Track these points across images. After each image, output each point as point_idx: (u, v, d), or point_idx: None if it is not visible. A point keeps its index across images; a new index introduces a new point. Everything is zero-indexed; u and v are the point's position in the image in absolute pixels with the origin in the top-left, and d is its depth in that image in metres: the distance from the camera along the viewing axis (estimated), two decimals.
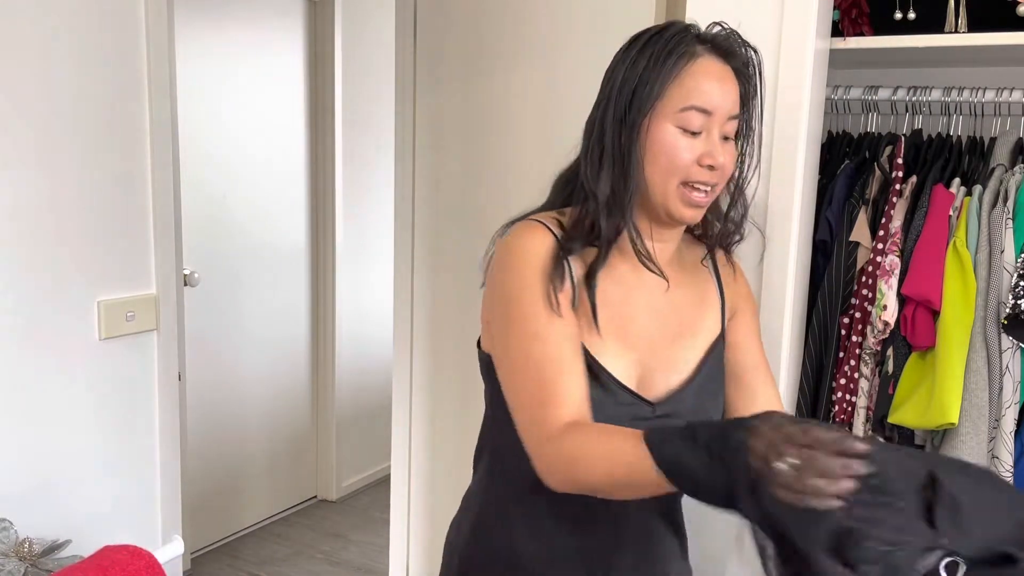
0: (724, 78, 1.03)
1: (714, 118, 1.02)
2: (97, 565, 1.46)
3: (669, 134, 1.01)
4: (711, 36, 1.06)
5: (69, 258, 1.71)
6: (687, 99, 1.01)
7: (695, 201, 1.04)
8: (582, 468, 0.92)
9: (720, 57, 1.04)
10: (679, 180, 1.02)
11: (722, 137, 1.03)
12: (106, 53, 1.74)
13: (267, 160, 3.38)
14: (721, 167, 1.03)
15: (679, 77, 1.02)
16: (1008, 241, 1.59)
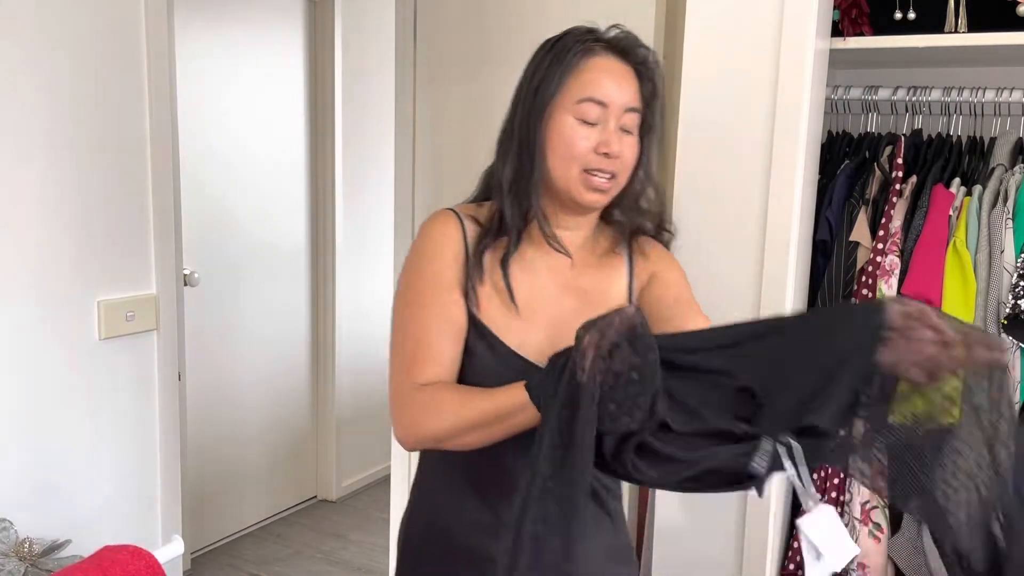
0: (620, 74, 1.11)
1: (610, 110, 1.09)
2: (97, 565, 1.46)
3: (568, 124, 1.10)
4: (609, 36, 1.14)
5: (69, 258, 1.71)
6: (583, 92, 1.09)
7: (595, 185, 1.11)
8: (433, 414, 1.03)
9: (617, 55, 1.12)
10: (579, 167, 1.10)
11: (620, 129, 1.11)
12: (106, 53, 1.74)
13: (267, 160, 3.38)
14: (618, 155, 1.10)
15: (577, 72, 1.10)
16: (1008, 241, 1.59)
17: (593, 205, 1.14)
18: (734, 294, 1.66)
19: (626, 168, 1.13)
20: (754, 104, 1.61)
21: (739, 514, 1.70)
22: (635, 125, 1.12)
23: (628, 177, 1.15)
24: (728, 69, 1.63)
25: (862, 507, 1.73)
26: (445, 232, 1.15)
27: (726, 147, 1.65)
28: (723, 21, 1.63)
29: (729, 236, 1.66)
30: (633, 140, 1.12)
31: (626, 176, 1.14)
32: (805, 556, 0.91)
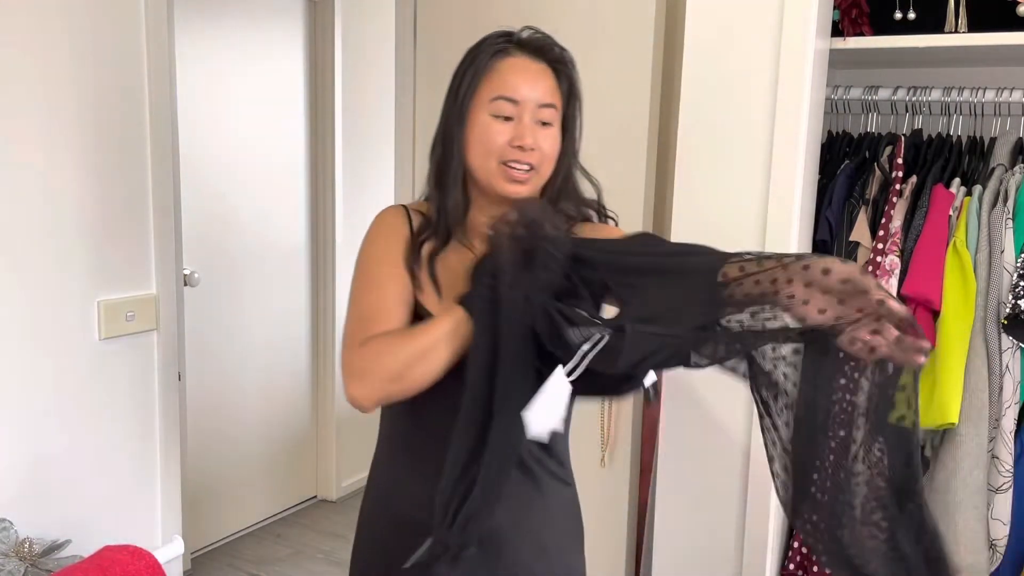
0: (533, 72, 1.18)
1: (523, 106, 1.17)
2: (97, 565, 1.46)
3: (484, 122, 1.18)
4: (522, 37, 1.21)
5: (69, 258, 1.71)
6: (496, 90, 1.17)
7: (513, 177, 1.17)
8: (381, 356, 1.10)
9: (530, 55, 1.20)
10: (496, 160, 1.17)
11: (537, 123, 1.17)
12: (106, 53, 1.74)
13: (267, 160, 3.38)
14: (535, 147, 1.17)
15: (490, 73, 1.19)
16: (1008, 241, 1.59)
17: (514, 195, 1.19)
18: None
19: (546, 159, 1.19)
20: (754, 104, 1.61)
21: (739, 514, 1.70)
22: (554, 118, 1.19)
23: (552, 168, 1.21)
24: (728, 69, 1.63)
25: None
26: (393, 221, 1.27)
27: (726, 147, 1.65)
28: (723, 21, 1.63)
29: (729, 236, 1.65)
30: (551, 132, 1.19)
31: (549, 167, 1.20)
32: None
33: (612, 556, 2.04)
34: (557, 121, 1.20)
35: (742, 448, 1.68)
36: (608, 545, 2.04)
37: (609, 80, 1.94)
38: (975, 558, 1.58)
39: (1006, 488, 1.59)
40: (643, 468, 2.04)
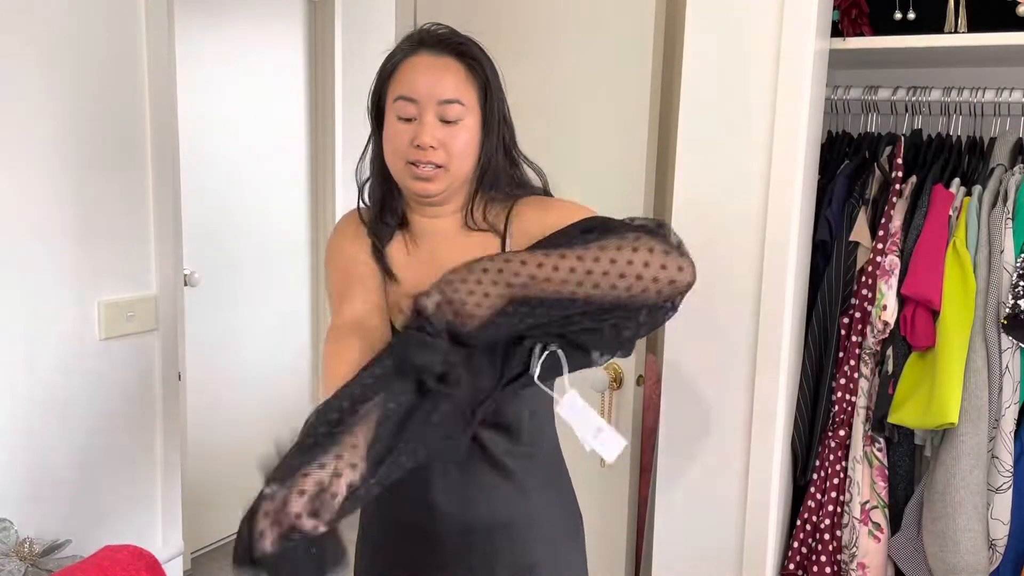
0: (433, 68, 1.18)
1: (422, 104, 1.16)
2: (97, 565, 1.46)
3: (391, 123, 1.20)
4: (424, 35, 1.22)
5: (69, 258, 1.71)
6: (397, 91, 1.19)
7: (419, 174, 1.18)
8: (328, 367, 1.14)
9: (432, 51, 1.19)
10: (403, 160, 1.19)
11: (440, 120, 1.17)
12: (106, 53, 1.74)
13: (267, 160, 3.38)
14: (433, 145, 1.16)
15: (393, 76, 1.21)
16: (1008, 241, 1.59)
17: (424, 194, 1.20)
18: (734, 294, 1.66)
19: (455, 156, 1.18)
20: (754, 104, 1.60)
21: (739, 514, 1.70)
22: (461, 115, 1.17)
23: (471, 163, 1.20)
24: (728, 69, 1.63)
25: (862, 507, 1.73)
26: (346, 226, 1.31)
27: (726, 147, 1.65)
28: (723, 21, 1.63)
29: (729, 236, 1.66)
30: (457, 129, 1.17)
31: (462, 162, 1.19)
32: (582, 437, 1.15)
33: (612, 556, 2.04)
34: (470, 116, 1.19)
35: (742, 448, 1.68)
36: (608, 545, 2.04)
37: (609, 79, 1.94)
38: (975, 558, 1.58)
39: (1006, 488, 1.59)
40: (643, 468, 2.04)
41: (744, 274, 1.65)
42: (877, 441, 1.73)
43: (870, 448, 1.73)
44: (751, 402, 1.66)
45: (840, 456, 1.77)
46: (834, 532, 1.77)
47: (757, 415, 1.65)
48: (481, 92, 1.20)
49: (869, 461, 1.74)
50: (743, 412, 1.67)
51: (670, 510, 1.78)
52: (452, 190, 1.22)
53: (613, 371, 1.95)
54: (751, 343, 1.64)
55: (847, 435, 1.76)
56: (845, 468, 1.76)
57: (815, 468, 1.79)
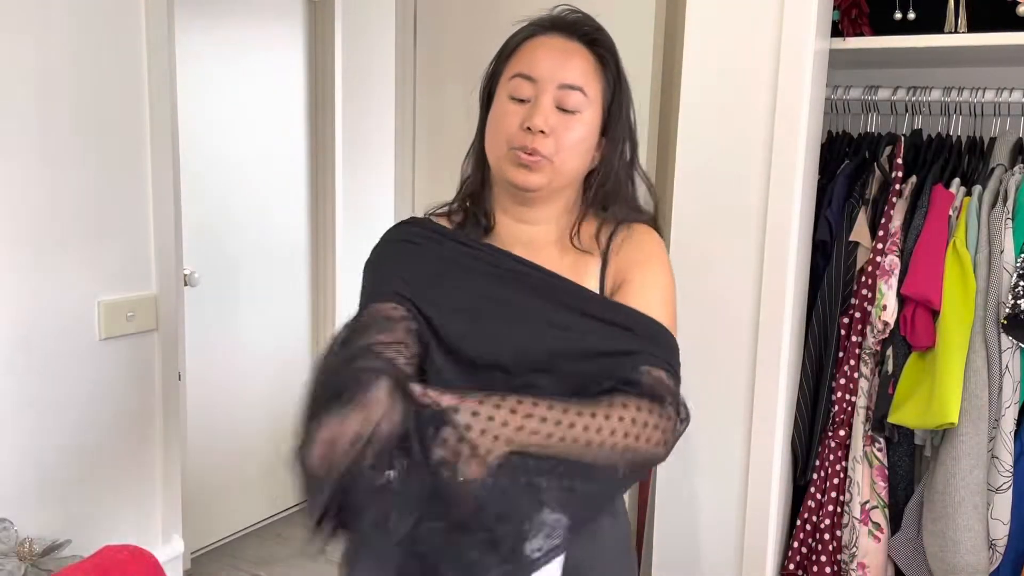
0: (560, 50, 1.07)
1: (541, 85, 1.05)
2: (97, 565, 1.46)
3: (501, 103, 1.08)
4: (556, 18, 1.10)
5: (69, 258, 1.71)
6: (516, 68, 1.07)
7: (521, 160, 1.05)
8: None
9: (561, 34, 1.08)
10: (507, 145, 1.06)
11: (557, 107, 1.05)
12: (106, 53, 1.74)
13: (267, 160, 3.38)
14: (544, 130, 1.04)
15: (514, 55, 1.09)
16: (1008, 241, 1.59)
17: (524, 185, 1.07)
18: (734, 294, 1.66)
19: (563, 149, 1.05)
20: (754, 104, 1.60)
21: (739, 514, 1.70)
22: (581, 105, 1.06)
23: (575, 161, 1.08)
24: (728, 69, 1.63)
25: (862, 507, 1.73)
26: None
27: (726, 147, 1.65)
28: (723, 21, 1.63)
29: (729, 236, 1.66)
30: (573, 120, 1.06)
31: (569, 158, 1.07)
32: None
33: None
34: (590, 109, 1.06)
35: (742, 448, 1.68)
36: None
37: None
38: (975, 558, 1.58)
39: (1006, 488, 1.59)
40: None
41: (744, 274, 1.65)
42: (877, 441, 1.73)
43: (870, 448, 1.73)
44: (751, 402, 1.66)
45: (840, 456, 1.77)
46: (834, 532, 1.77)
47: (757, 415, 1.65)
48: (608, 88, 1.08)
49: (869, 461, 1.74)
50: (743, 412, 1.67)
51: (670, 510, 1.78)
52: (552, 189, 1.09)
53: None
54: (751, 343, 1.64)
55: (847, 435, 1.76)
56: (845, 468, 1.76)
57: (815, 468, 1.79)
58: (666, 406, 0.98)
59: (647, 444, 0.96)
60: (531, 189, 1.08)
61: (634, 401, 0.96)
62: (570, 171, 1.09)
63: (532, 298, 1.06)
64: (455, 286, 1.07)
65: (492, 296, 1.07)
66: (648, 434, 0.96)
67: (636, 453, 0.96)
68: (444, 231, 1.13)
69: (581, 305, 1.06)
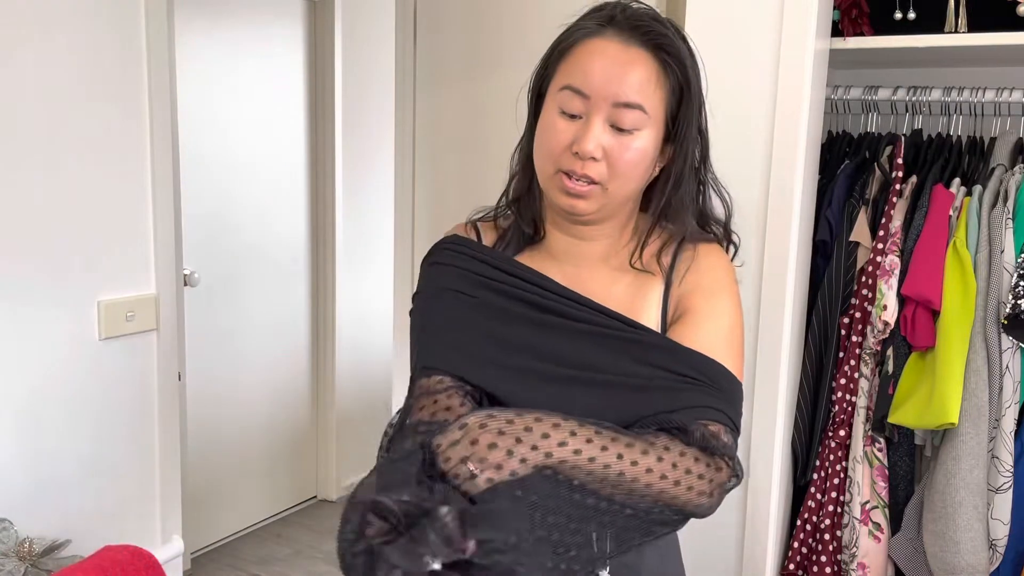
0: (617, 60, 0.94)
1: (593, 102, 0.93)
2: (97, 565, 1.46)
3: (550, 115, 0.97)
4: (616, 11, 0.97)
5: (69, 258, 1.71)
6: (566, 78, 0.96)
7: (568, 189, 0.95)
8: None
9: (622, 37, 0.95)
10: (554, 167, 0.96)
11: (612, 126, 0.94)
12: (106, 53, 1.74)
13: (267, 160, 3.38)
14: (594, 156, 0.93)
15: (567, 56, 0.97)
16: (1008, 241, 1.59)
17: (571, 211, 0.97)
18: None
19: (617, 175, 0.95)
20: (754, 104, 1.60)
21: (739, 514, 1.70)
22: (640, 123, 0.95)
23: (631, 185, 0.98)
24: (728, 69, 1.63)
25: (862, 507, 1.73)
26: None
27: (726, 147, 1.64)
28: (723, 21, 1.63)
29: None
30: (630, 140, 0.94)
31: (624, 183, 0.97)
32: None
33: None
34: (650, 127, 0.96)
35: (742, 448, 1.68)
36: None
37: None
38: (975, 558, 1.58)
39: (1006, 488, 1.59)
40: None
41: (744, 274, 1.65)
42: (877, 441, 1.73)
43: (870, 448, 1.73)
44: (751, 402, 1.66)
45: (840, 456, 1.77)
46: (834, 532, 1.77)
47: (757, 415, 1.65)
48: (673, 99, 0.97)
49: (869, 461, 1.74)
50: (743, 412, 1.67)
51: None
52: (605, 213, 1.00)
53: None
54: (751, 343, 1.64)
55: (847, 435, 1.76)
56: (845, 468, 1.76)
57: (815, 468, 1.79)
58: (716, 458, 0.91)
59: (688, 493, 0.88)
60: (580, 215, 0.99)
61: (680, 447, 0.89)
62: (625, 194, 0.98)
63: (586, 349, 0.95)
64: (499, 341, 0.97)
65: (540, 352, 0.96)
66: (691, 482, 0.88)
67: (674, 499, 0.88)
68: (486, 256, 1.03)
69: (643, 354, 0.95)
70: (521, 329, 0.98)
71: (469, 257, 1.03)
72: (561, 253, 1.05)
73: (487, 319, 0.99)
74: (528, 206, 1.05)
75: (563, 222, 1.03)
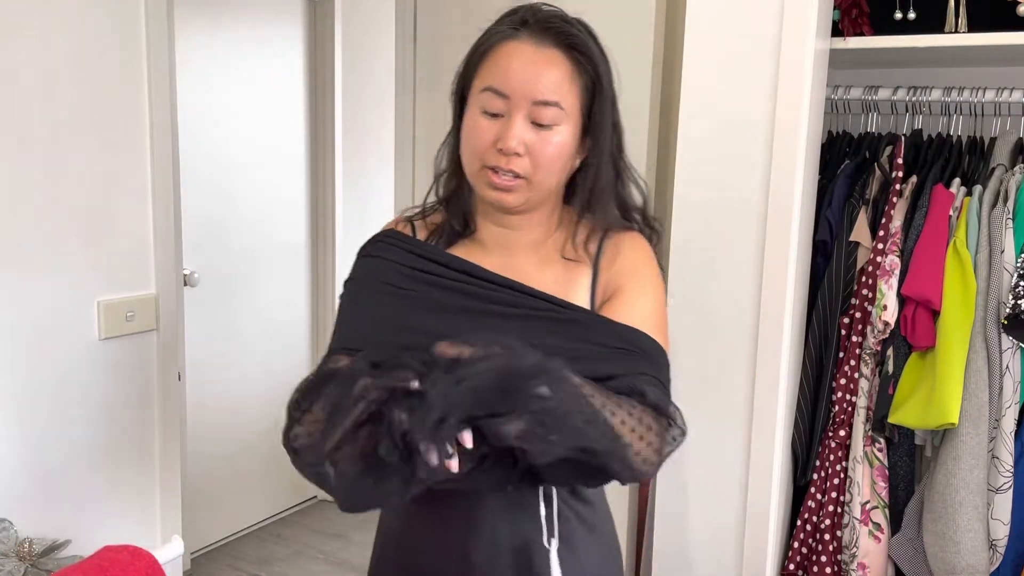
0: (532, 60, 1.00)
1: (513, 101, 1.00)
2: (97, 565, 1.46)
3: (473, 115, 1.03)
4: (528, 14, 1.03)
5: (69, 258, 1.71)
6: (487, 80, 1.02)
7: (495, 183, 1.02)
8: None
9: (535, 39, 1.01)
10: (480, 163, 1.02)
11: (533, 123, 1.00)
12: (106, 53, 1.74)
13: (267, 160, 3.38)
14: (518, 151, 1.00)
15: (486, 59, 1.03)
16: (1008, 241, 1.59)
17: (499, 204, 1.04)
18: (734, 294, 1.66)
19: (540, 167, 1.02)
20: (754, 104, 1.60)
21: (739, 514, 1.70)
22: (558, 119, 1.01)
23: (554, 175, 1.04)
24: (728, 69, 1.63)
25: (862, 507, 1.73)
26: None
27: (726, 147, 1.65)
28: (723, 21, 1.63)
29: (729, 236, 1.66)
30: (550, 134, 1.01)
31: (546, 175, 1.03)
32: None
33: None
34: (567, 121, 1.02)
35: (742, 448, 1.68)
36: None
37: None
38: (975, 558, 1.58)
39: (1006, 488, 1.59)
40: None
41: (744, 274, 1.65)
42: (877, 441, 1.73)
43: (870, 448, 1.73)
44: (751, 402, 1.66)
45: (840, 456, 1.76)
46: (834, 532, 1.77)
47: (757, 415, 1.65)
48: (587, 94, 1.03)
49: (869, 461, 1.74)
50: (743, 412, 1.67)
51: (670, 510, 1.78)
52: (532, 204, 1.06)
53: None
54: (751, 343, 1.64)
55: (847, 435, 1.76)
56: (845, 468, 1.76)
57: (815, 468, 1.79)
58: (665, 418, 0.98)
59: (644, 447, 0.95)
60: (507, 207, 1.05)
61: (639, 407, 0.96)
62: (549, 186, 1.05)
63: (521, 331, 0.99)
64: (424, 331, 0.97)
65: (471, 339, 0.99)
66: (649, 439, 0.95)
67: (630, 451, 0.94)
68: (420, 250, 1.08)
69: (577, 331, 1.02)
70: (454, 317, 1.03)
71: (403, 251, 1.08)
72: (492, 244, 1.10)
73: (417, 310, 1.04)
74: (458, 202, 1.11)
75: (493, 214, 1.09)
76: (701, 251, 1.69)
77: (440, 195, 1.14)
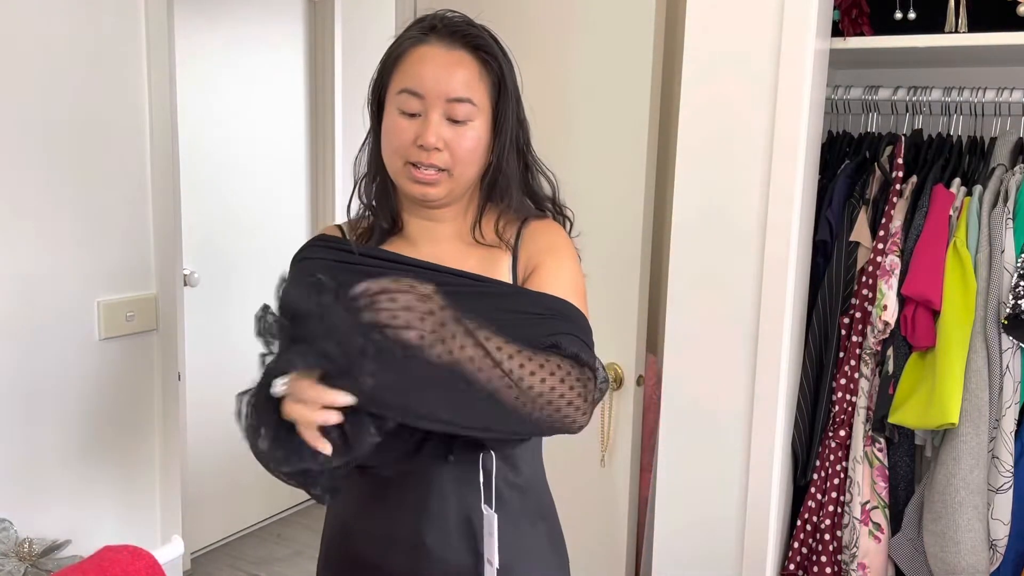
0: (444, 62, 1.09)
1: (428, 100, 1.08)
2: (97, 565, 1.46)
3: (392, 117, 1.11)
4: (436, 21, 1.12)
5: (69, 258, 1.71)
6: (402, 83, 1.10)
7: (417, 178, 1.09)
8: None
9: (444, 43, 1.10)
10: (402, 160, 1.10)
11: (448, 119, 1.08)
12: (106, 53, 1.74)
13: (267, 160, 3.38)
14: (437, 147, 1.07)
15: (399, 64, 1.12)
16: (1008, 241, 1.59)
17: (423, 198, 1.12)
18: (734, 294, 1.66)
19: (459, 161, 1.10)
20: (754, 104, 1.60)
21: (739, 514, 1.70)
22: (471, 115, 1.09)
23: (474, 168, 1.12)
24: (728, 69, 1.63)
25: (862, 507, 1.73)
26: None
27: (726, 147, 1.65)
28: (723, 21, 1.63)
29: (729, 236, 1.66)
30: (465, 129, 1.09)
31: (466, 168, 1.11)
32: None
33: (612, 556, 2.04)
34: (480, 116, 1.10)
35: (742, 448, 1.68)
36: (608, 545, 2.04)
37: (608, 80, 1.94)
38: (975, 558, 1.58)
39: (1006, 488, 1.59)
40: (643, 468, 2.04)
41: (744, 274, 1.65)
42: (877, 441, 1.73)
43: (870, 448, 1.73)
44: (751, 402, 1.66)
45: (840, 456, 1.76)
46: (834, 532, 1.77)
47: (757, 415, 1.65)
48: (494, 90, 1.12)
49: (869, 461, 1.73)
50: (743, 413, 1.67)
51: (670, 510, 1.78)
52: (454, 196, 1.14)
53: (614, 372, 1.95)
54: (751, 343, 1.64)
55: (847, 435, 1.76)
56: (845, 468, 1.76)
57: (815, 468, 1.79)
58: (587, 369, 1.04)
59: (563, 401, 1.00)
60: (431, 200, 1.13)
61: (560, 359, 1.02)
62: (468, 178, 1.13)
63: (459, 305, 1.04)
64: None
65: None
66: (569, 391, 1.01)
67: (553, 407, 1.00)
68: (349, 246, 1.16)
69: (500, 303, 1.10)
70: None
71: (334, 249, 1.17)
72: (418, 237, 1.18)
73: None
74: (384, 203, 1.18)
75: (418, 209, 1.17)
76: (701, 251, 1.69)
77: (364, 200, 1.21)
